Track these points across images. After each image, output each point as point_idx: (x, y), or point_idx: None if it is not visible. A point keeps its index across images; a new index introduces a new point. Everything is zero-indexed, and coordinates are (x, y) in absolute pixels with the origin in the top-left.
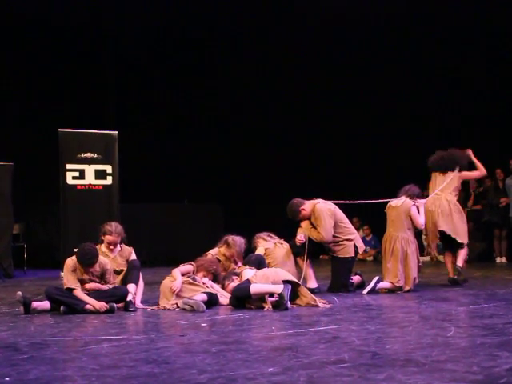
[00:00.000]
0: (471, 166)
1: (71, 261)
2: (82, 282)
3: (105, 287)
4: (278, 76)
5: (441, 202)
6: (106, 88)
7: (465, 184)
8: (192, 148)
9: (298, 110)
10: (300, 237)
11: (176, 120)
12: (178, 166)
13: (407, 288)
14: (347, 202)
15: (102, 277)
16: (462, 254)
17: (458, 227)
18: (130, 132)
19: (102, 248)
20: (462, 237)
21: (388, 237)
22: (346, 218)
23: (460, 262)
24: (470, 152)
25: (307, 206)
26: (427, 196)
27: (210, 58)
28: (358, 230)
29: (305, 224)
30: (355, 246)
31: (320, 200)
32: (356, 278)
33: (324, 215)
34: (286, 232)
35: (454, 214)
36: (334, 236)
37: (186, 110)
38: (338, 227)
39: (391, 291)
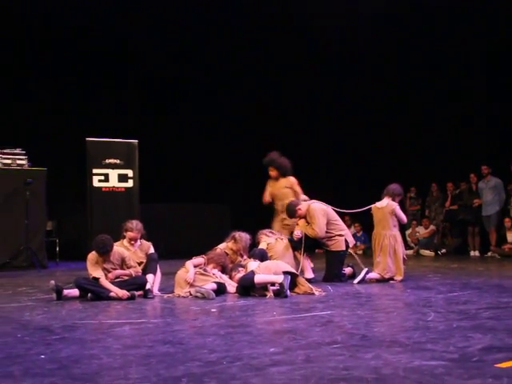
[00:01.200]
0: None
1: (92, 254)
2: (107, 272)
3: (126, 272)
4: (283, 81)
5: None
6: (128, 102)
7: (443, 187)
8: (203, 155)
9: (302, 115)
10: (297, 233)
11: (188, 130)
12: (191, 170)
13: (400, 278)
14: (337, 209)
15: (122, 264)
16: None
17: None
18: (149, 141)
19: (124, 243)
20: None
21: (377, 234)
22: (337, 216)
23: None
24: None
25: (303, 206)
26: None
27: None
28: (349, 227)
29: (301, 222)
30: (346, 241)
31: (314, 200)
32: (348, 270)
33: (318, 214)
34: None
35: None
36: (326, 232)
37: (197, 122)
38: (331, 224)
39: (379, 281)
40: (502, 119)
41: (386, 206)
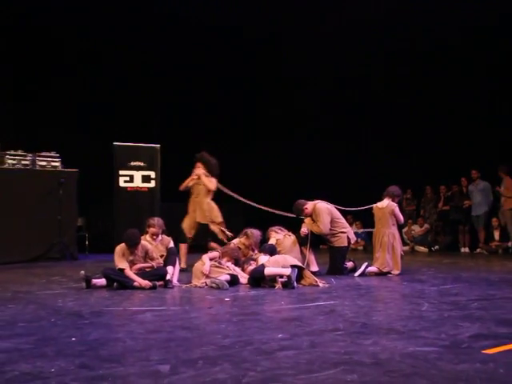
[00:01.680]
0: None
1: (119, 247)
2: (131, 264)
3: (148, 265)
4: (287, 87)
5: None
6: (150, 110)
7: (436, 189)
8: (218, 158)
9: (307, 117)
10: (304, 230)
11: (206, 134)
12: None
13: (397, 272)
14: (340, 207)
15: (145, 256)
16: None
17: None
18: (170, 145)
19: (147, 237)
20: None
21: (377, 232)
22: (340, 215)
23: None
24: None
25: (309, 205)
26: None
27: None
28: (351, 225)
29: (307, 220)
30: (348, 238)
31: (319, 200)
32: (349, 264)
33: (322, 213)
34: (293, 226)
35: None
36: (330, 229)
37: (210, 127)
38: (334, 222)
39: (377, 275)
40: (491, 127)
41: (386, 207)
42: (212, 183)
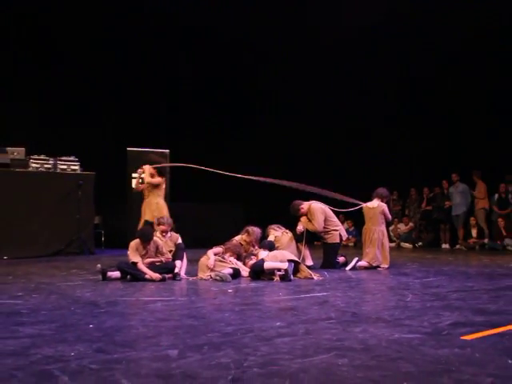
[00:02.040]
0: None
1: (133, 242)
2: (144, 258)
3: (158, 259)
4: (284, 88)
5: None
6: (161, 119)
7: (420, 191)
8: (222, 162)
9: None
10: (300, 228)
11: (210, 141)
12: (211, 175)
13: (386, 266)
14: (334, 209)
15: (156, 251)
16: None
17: None
18: (177, 150)
19: (157, 234)
20: None
21: (367, 229)
22: (333, 214)
23: None
24: None
25: (305, 205)
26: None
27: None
28: (342, 223)
29: (303, 219)
30: (340, 235)
31: (314, 201)
32: (341, 259)
33: (317, 212)
34: (290, 224)
35: None
36: (324, 227)
37: (216, 133)
38: (327, 221)
39: (367, 268)
40: (470, 136)
41: (377, 207)
42: (155, 180)
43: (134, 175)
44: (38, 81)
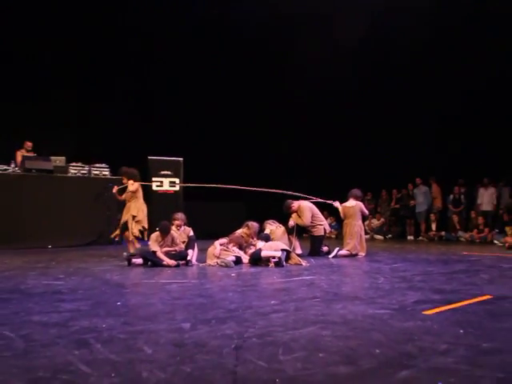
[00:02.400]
0: None
1: (154, 234)
2: (162, 247)
3: (173, 249)
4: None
5: None
6: (176, 133)
7: (389, 192)
8: (227, 167)
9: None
10: (291, 223)
11: (215, 152)
12: (218, 178)
13: (363, 254)
14: (314, 199)
15: (172, 242)
16: None
17: None
18: (190, 159)
19: (173, 228)
20: None
21: (348, 224)
22: (318, 211)
23: None
24: None
25: (295, 204)
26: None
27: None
28: (326, 219)
29: (294, 215)
30: (324, 229)
31: (303, 200)
32: (325, 248)
33: (305, 210)
34: (283, 219)
35: None
36: (311, 222)
37: (221, 146)
38: (314, 217)
39: (347, 257)
40: (431, 146)
41: (355, 205)
42: (133, 186)
43: (114, 190)
44: (76, 110)
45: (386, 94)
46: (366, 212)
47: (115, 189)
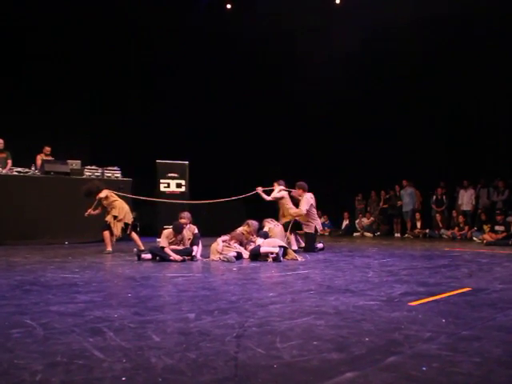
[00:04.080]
0: None
1: (167, 231)
2: (171, 244)
3: (181, 247)
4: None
5: None
6: (182, 138)
7: (378, 193)
8: (230, 170)
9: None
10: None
11: (219, 156)
12: (221, 180)
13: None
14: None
15: (182, 240)
16: None
17: None
18: (195, 162)
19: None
20: None
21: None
22: (315, 209)
23: None
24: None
25: (301, 192)
26: None
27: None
28: (320, 217)
29: (292, 211)
30: (315, 227)
31: (309, 193)
32: (320, 245)
33: (305, 200)
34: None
35: None
36: (307, 220)
37: (224, 150)
38: (310, 213)
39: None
40: (416, 151)
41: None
42: (104, 195)
43: (93, 212)
44: (89, 119)
45: (376, 99)
46: (267, 198)
47: (89, 212)
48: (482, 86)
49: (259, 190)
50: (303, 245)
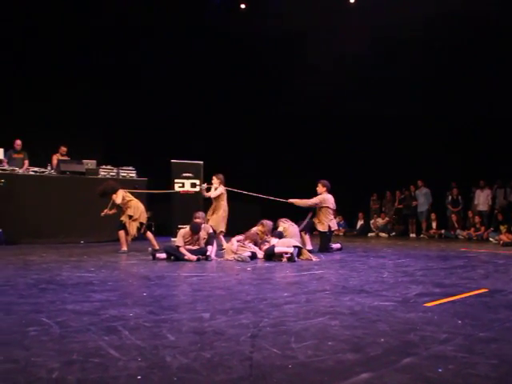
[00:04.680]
0: None
1: (183, 231)
2: (187, 243)
3: (196, 247)
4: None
5: None
6: (196, 138)
7: (393, 193)
8: (244, 171)
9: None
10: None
11: (233, 154)
12: (235, 180)
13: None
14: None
15: (197, 241)
16: None
17: None
18: (209, 162)
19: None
20: None
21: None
22: (332, 210)
23: None
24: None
25: (322, 189)
26: None
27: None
28: (335, 217)
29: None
30: (329, 225)
31: (330, 195)
32: (337, 245)
33: (320, 196)
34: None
35: None
36: (319, 217)
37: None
38: (325, 211)
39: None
40: (431, 152)
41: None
42: (118, 198)
43: (109, 212)
44: (105, 117)
45: (391, 98)
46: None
47: (105, 212)
48: (499, 85)
49: (203, 187)
50: (310, 248)
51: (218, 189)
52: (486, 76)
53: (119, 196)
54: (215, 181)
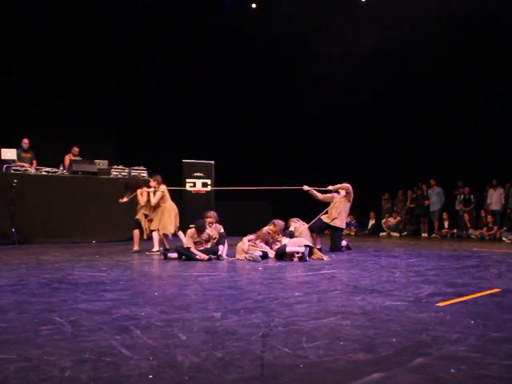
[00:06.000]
0: None
1: (190, 231)
2: (196, 243)
3: (207, 245)
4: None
5: None
6: (208, 138)
7: (405, 192)
8: (255, 170)
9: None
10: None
11: (244, 153)
12: (247, 180)
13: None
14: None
15: (209, 238)
16: None
17: None
18: (221, 161)
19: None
20: None
21: None
22: (347, 209)
23: None
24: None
25: (344, 192)
26: None
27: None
28: (347, 217)
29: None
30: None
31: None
32: (343, 242)
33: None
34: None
35: None
36: (340, 212)
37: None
38: (342, 210)
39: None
40: (444, 150)
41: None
42: (142, 199)
43: (123, 200)
44: (118, 123)
45: (404, 97)
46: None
47: (123, 200)
48: (510, 82)
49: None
50: (319, 246)
51: (156, 192)
52: (499, 71)
53: (144, 197)
54: (152, 183)
